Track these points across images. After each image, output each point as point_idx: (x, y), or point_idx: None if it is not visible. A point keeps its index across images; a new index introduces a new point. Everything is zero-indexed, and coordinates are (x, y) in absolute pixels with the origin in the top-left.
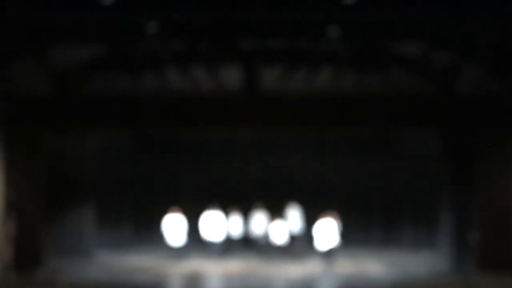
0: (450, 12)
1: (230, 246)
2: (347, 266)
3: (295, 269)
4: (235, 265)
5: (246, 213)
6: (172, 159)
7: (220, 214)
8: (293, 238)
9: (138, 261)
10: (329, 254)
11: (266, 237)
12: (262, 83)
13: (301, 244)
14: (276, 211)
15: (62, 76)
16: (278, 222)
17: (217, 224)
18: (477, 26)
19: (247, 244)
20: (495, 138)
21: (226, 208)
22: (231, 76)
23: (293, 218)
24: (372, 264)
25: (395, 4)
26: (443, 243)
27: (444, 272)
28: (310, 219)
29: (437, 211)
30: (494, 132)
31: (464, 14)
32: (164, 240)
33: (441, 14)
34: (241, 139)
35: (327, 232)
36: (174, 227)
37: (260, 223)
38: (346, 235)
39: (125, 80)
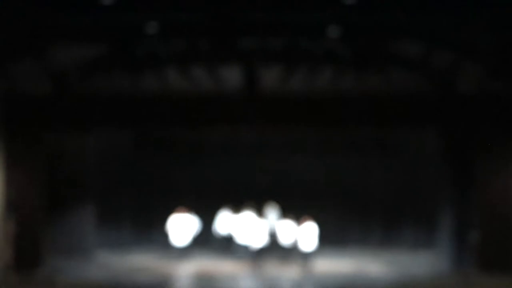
0: (450, 12)
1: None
2: (347, 266)
3: (294, 270)
4: (235, 265)
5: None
6: (172, 159)
7: (228, 213)
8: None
9: (138, 261)
10: (307, 257)
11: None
12: (262, 83)
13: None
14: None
15: (62, 76)
16: (287, 222)
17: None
18: (477, 26)
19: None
20: (495, 138)
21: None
22: (231, 76)
23: (272, 219)
24: (372, 264)
25: (395, 4)
26: (443, 243)
27: (444, 272)
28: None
29: (437, 211)
30: (494, 132)
31: (464, 14)
32: (168, 240)
33: (441, 14)
34: (241, 139)
35: (307, 235)
36: (179, 227)
37: (255, 223)
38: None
39: (125, 80)
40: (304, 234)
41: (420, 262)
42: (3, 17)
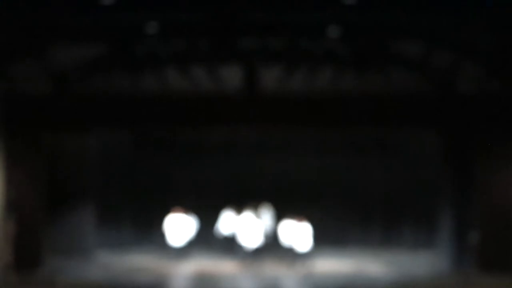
0: (450, 12)
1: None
2: (347, 266)
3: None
4: (235, 265)
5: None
6: (172, 159)
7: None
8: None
9: (138, 261)
10: (302, 257)
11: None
12: (262, 83)
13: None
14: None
15: (62, 76)
16: (300, 224)
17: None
18: (477, 26)
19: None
20: (495, 138)
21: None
22: (231, 76)
23: (267, 220)
24: (372, 264)
25: (395, 4)
26: (443, 243)
27: (444, 272)
28: (309, 219)
29: (437, 211)
30: (494, 132)
31: (464, 14)
32: (165, 240)
33: (441, 14)
34: (241, 139)
35: (302, 235)
36: (175, 227)
37: (256, 222)
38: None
39: (125, 80)
40: (299, 234)
41: (420, 262)
42: (3, 17)
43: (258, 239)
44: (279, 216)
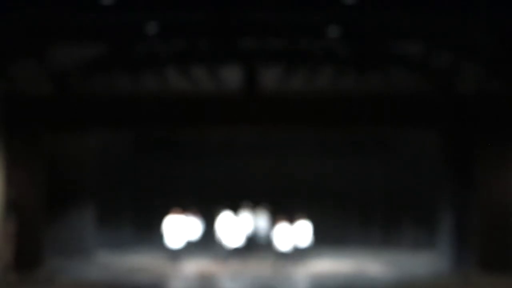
0: (450, 12)
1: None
2: (347, 266)
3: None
4: (235, 265)
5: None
6: (172, 159)
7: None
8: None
9: (138, 261)
10: (294, 255)
11: (266, 237)
12: (262, 83)
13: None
14: (281, 213)
15: (62, 76)
16: (283, 225)
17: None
18: (477, 26)
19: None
20: (495, 138)
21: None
22: (231, 76)
23: (262, 220)
24: (372, 264)
25: (395, 4)
26: (443, 243)
27: (444, 272)
28: (310, 219)
29: (437, 211)
30: (494, 132)
31: (464, 14)
32: (163, 241)
33: (441, 14)
34: (241, 139)
35: (292, 235)
36: (174, 228)
37: (261, 223)
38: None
39: (125, 80)
40: (290, 234)
41: (420, 262)
42: (3, 17)
43: (241, 239)
44: (277, 216)
